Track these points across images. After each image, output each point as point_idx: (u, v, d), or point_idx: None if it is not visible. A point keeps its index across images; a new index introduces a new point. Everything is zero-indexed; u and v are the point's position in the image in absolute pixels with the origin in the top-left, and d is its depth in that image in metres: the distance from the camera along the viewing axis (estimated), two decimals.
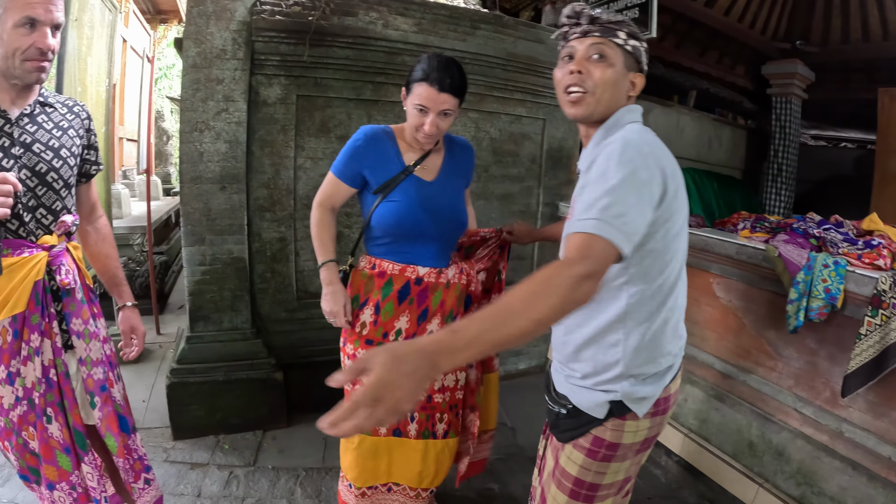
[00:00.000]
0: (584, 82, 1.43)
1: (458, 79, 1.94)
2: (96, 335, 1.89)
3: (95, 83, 5.51)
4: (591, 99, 1.44)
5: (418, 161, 2.06)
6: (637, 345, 1.44)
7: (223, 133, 3.09)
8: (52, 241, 1.74)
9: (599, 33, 1.43)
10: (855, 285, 2.37)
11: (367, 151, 2.03)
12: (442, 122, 1.95)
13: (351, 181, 2.07)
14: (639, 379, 1.47)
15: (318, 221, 2.11)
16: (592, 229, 1.17)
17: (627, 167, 1.24)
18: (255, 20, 3.04)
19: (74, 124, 1.84)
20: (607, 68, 1.43)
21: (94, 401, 1.86)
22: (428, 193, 2.04)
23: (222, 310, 3.25)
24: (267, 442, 3.20)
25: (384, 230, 2.03)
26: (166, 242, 6.77)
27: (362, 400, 0.89)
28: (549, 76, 3.81)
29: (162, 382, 3.39)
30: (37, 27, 1.58)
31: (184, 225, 3.13)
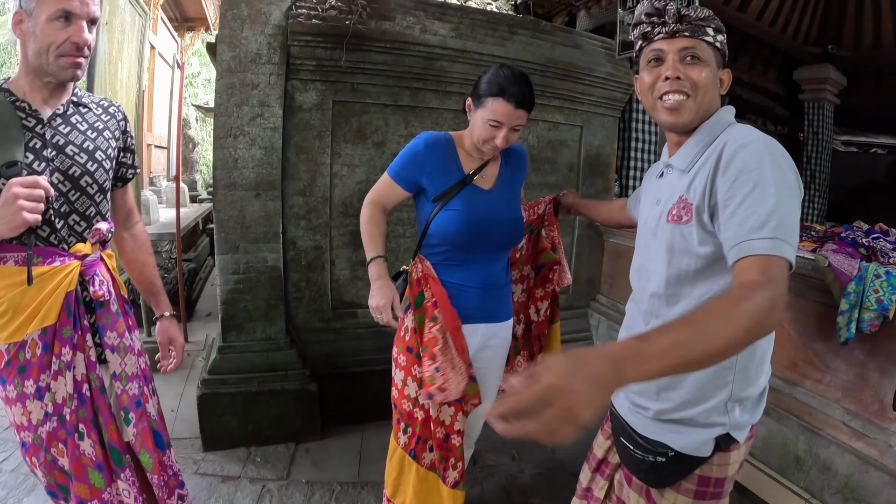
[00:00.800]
0: (685, 87, 1.33)
1: (532, 94, 1.90)
2: (132, 349, 1.83)
3: (126, 88, 5.54)
4: (693, 104, 1.33)
5: (478, 170, 2.01)
6: (747, 363, 1.32)
7: (258, 139, 3.04)
8: (85, 250, 1.68)
9: (689, 32, 1.32)
10: None
11: (427, 158, 1.98)
12: (512, 136, 1.91)
13: (406, 185, 2.02)
14: (744, 404, 1.35)
15: (368, 217, 2.06)
16: (772, 251, 1.08)
17: (779, 173, 1.16)
18: (290, 24, 3.00)
19: (110, 125, 1.78)
20: (703, 69, 1.32)
21: (128, 417, 1.80)
22: (487, 202, 1.99)
23: (256, 319, 3.20)
24: (300, 455, 3.14)
25: (443, 238, 1.97)
26: (193, 249, 6.78)
27: (528, 400, 0.80)
28: (587, 82, 3.85)
29: (191, 391, 3.35)
30: (72, 20, 1.53)
31: (217, 232, 3.09)
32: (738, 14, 6.57)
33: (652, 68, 1.38)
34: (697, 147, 1.34)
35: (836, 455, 2.56)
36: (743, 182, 1.16)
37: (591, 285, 4.37)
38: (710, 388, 1.32)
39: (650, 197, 1.51)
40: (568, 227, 4.14)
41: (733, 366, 1.31)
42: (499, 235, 2.01)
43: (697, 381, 1.33)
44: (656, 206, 1.43)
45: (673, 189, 1.38)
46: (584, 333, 4.25)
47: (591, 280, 4.35)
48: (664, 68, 1.34)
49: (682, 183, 1.35)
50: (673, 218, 1.32)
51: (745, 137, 1.22)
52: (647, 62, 1.40)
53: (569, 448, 3.28)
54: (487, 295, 2.04)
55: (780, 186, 1.13)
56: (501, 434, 0.82)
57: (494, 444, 3.20)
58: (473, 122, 1.94)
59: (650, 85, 1.38)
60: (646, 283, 1.46)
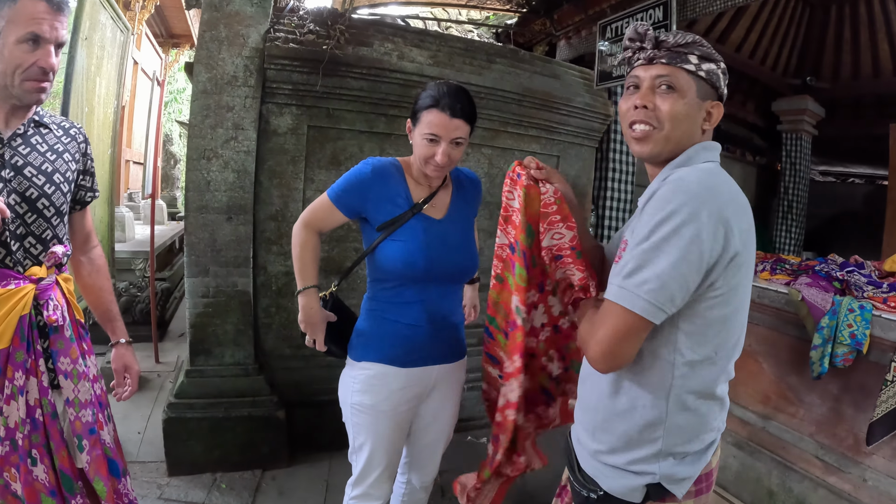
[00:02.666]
0: (651, 118, 1.27)
1: (469, 104, 1.82)
2: (85, 375, 1.77)
3: (104, 104, 5.49)
4: (659, 136, 1.27)
5: (428, 199, 1.90)
6: (682, 422, 1.28)
7: (231, 162, 3.02)
8: (40, 273, 1.64)
9: (666, 60, 1.26)
10: (881, 330, 2.32)
11: (372, 185, 1.87)
12: (454, 152, 1.81)
13: (348, 212, 1.89)
14: (679, 458, 1.30)
15: (302, 243, 1.93)
16: (615, 298, 1.16)
17: (673, 220, 1.11)
18: (268, 47, 3.00)
19: (70, 147, 1.75)
20: (677, 100, 1.25)
21: (81, 444, 1.75)
22: (437, 232, 1.88)
23: (224, 344, 3.15)
24: (266, 482, 3.08)
25: (392, 272, 1.86)
26: (169, 268, 6.70)
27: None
28: (565, 112, 3.86)
29: (158, 414, 3.29)
30: (41, 44, 1.50)
31: (187, 255, 3.05)
32: (719, 46, 6.66)
33: (629, 95, 1.33)
34: (657, 184, 1.30)
35: (810, 490, 2.56)
36: (639, 224, 1.19)
37: None
38: (636, 440, 1.30)
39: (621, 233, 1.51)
40: None
41: (662, 422, 1.27)
42: (452, 267, 1.91)
43: (625, 433, 1.32)
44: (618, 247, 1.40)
45: (629, 227, 1.37)
46: None
47: None
48: (637, 96, 1.30)
49: (631, 223, 1.36)
50: (616, 259, 1.28)
51: (672, 180, 1.20)
52: (626, 88, 1.36)
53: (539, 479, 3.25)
54: (442, 335, 1.95)
55: (664, 236, 1.13)
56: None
57: None
58: (414, 143, 1.86)
59: (624, 112, 1.34)
60: None
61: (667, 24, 3.49)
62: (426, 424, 2.08)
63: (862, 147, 7.47)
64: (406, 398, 1.94)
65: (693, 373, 1.26)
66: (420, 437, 2.10)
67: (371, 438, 1.94)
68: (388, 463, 1.99)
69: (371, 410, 1.92)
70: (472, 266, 2.00)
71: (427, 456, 2.14)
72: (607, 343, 1.18)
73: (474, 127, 1.87)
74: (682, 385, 1.26)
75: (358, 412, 1.94)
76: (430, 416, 2.06)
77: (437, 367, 1.97)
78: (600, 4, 4.32)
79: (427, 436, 2.10)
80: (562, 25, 4.90)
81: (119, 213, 6.36)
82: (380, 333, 1.92)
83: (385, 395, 1.91)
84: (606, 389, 1.36)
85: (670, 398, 1.26)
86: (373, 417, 1.92)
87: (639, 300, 1.13)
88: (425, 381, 1.97)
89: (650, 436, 1.29)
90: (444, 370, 2.00)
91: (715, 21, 6.25)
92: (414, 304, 1.89)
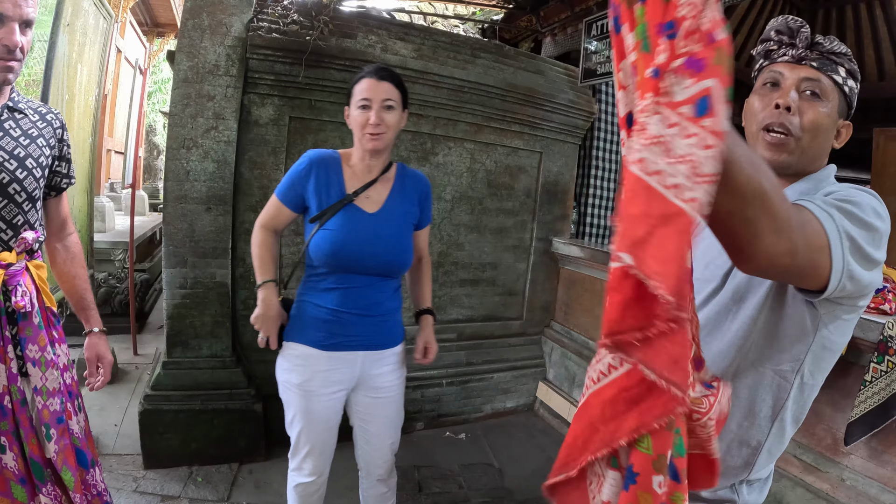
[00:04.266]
0: (792, 124, 1.13)
1: (396, 74, 1.94)
2: (54, 363, 1.75)
3: (85, 92, 5.40)
4: (796, 145, 1.14)
5: (360, 190, 1.97)
6: (771, 446, 1.18)
7: (211, 152, 2.99)
8: (9, 259, 1.62)
9: (817, 64, 1.14)
10: (860, 331, 2.32)
11: (309, 177, 1.96)
12: (387, 116, 1.89)
13: (293, 206, 2.00)
14: (752, 485, 1.22)
15: (259, 242, 2.04)
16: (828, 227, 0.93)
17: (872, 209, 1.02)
18: (251, 37, 2.97)
19: (45, 133, 1.72)
20: (822, 110, 1.13)
21: (49, 433, 1.72)
22: (368, 226, 1.95)
23: (202, 336, 3.13)
24: (243, 476, 3.06)
25: (318, 259, 1.94)
26: (149, 259, 6.64)
27: None
28: (548, 108, 3.86)
29: (136, 406, 3.25)
30: (5, 22, 1.47)
31: (165, 245, 3.02)
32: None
33: (766, 92, 1.19)
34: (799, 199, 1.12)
35: (788, 489, 2.57)
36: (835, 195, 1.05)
37: (546, 312, 4.36)
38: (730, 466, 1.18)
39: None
40: (524, 252, 4.15)
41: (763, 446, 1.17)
42: (378, 260, 1.97)
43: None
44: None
45: None
46: (537, 360, 4.24)
47: (545, 307, 4.35)
48: (777, 94, 1.16)
49: None
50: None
51: (853, 187, 1.09)
52: (761, 84, 1.21)
53: (517, 477, 3.27)
54: (367, 321, 2.01)
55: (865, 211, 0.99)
56: None
57: (442, 471, 3.16)
58: (351, 121, 1.95)
59: (758, 110, 1.19)
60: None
61: None
62: (365, 414, 2.12)
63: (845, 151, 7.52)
64: (331, 381, 2.00)
65: (800, 396, 1.17)
66: (362, 428, 2.15)
67: (300, 415, 2.02)
68: (318, 442, 2.05)
69: (298, 389, 2.00)
70: (399, 262, 2.04)
71: (375, 449, 2.17)
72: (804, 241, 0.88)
73: (406, 98, 1.98)
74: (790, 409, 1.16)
75: (287, 389, 2.05)
76: (368, 405, 2.11)
77: (362, 353, 2.02)
78: (586, 2, 4.33)
79: (369, 426, 2.14)
80: (548, 22, 4.90)
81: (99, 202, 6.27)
82: (305, 317, 2.00)
83: (309, 376, 1.98)
84: None
85: (776, 421, 1.16)
86: (300, 396, 2.00)
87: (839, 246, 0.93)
88: (351, 366, 2.02)
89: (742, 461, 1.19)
90: (371, 357, 2.05)
91: None
92: (338, 291, 1.97)
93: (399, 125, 1.98)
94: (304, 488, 2.11)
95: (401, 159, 3.50)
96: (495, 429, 3.81)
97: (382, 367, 2.08)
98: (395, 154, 3.49)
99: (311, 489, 2.12)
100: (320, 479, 2.12)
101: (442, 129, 3.62)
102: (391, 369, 2.10)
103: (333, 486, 2.69)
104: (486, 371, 3.96)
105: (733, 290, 1.15)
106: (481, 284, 4.00)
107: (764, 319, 1.11)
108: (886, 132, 6.29)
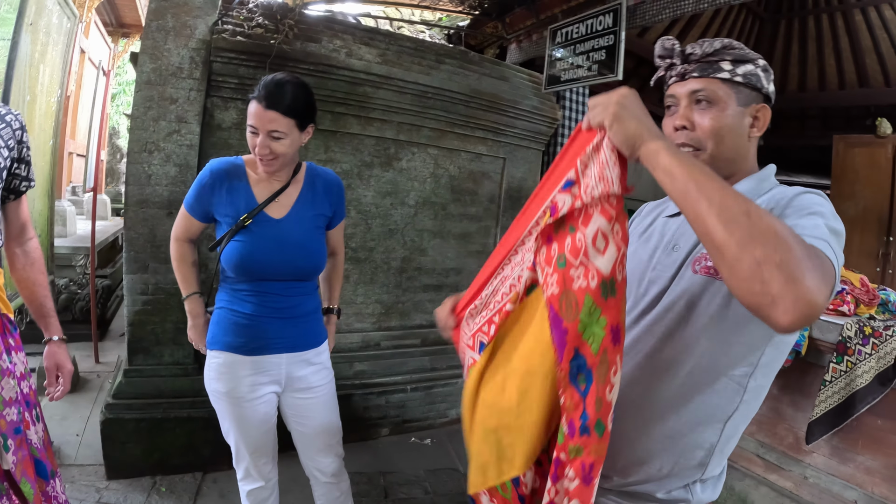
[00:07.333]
0: (693, 139, 1.17)
1: (290, 97, 1.82)
2: (10, 372, 1.70)
3: (47, 92, 5.29)
4: (705, 156, 1.16)
5: (270, 198, 1.95)
6: (724, 446, 1.19)
7: (173, 155, 2.96)
8: None
9: (698, 72, 1.17)
10: (820, 332, 2.38)
11: (213, 189, 1.93)
12: (275, 146, 1.83)
13: (201, 217, 1.99)
14: (706, 482, 1.22)
15: (178, 256, 2.05)
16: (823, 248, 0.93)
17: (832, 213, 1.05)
18: (215, 39, 2.95)
19: (4, 134, 1.68)
20: (717, 115, 1.16)
21: (7, 444, 1.68)
22: (274, 232, 1.93)
23: (164, 343, 3.08)
24: (207, 485, 3.02)
25: (231, 269, 1.93)
26: (111, 265, 6.50)
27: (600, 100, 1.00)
28: (512, 114, 3.89)
29: (98, 415, 3.19)
30: None
31: (126, 251, 2.97)
32: None
33: (668, 116, 1.24)
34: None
35: (752, 487, 2.61)
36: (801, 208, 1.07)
37: None
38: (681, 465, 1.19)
39: (664, 239, 1.28)
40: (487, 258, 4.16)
41: (715, 447, 1.18)
42: (289, 267, 1.96)
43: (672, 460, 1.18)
44: (673, 252, 1.23)
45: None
46: None
47: None
48: (675, 117, 1.21)
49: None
50: (704, 270, 1.15)
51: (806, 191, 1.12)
52: (666, 109, 1.25)
53: None
54: (287, 324, 2.00)
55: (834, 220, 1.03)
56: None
57: (408, 477, 3.16)
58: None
59: (668, 135, 1.22)
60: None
61: (616, 31, 3.55)
62: (299, 416, 2.12)
63: (807, 157, 7.73)
64: (258, 384, 1.99)
65: (753, 399, 1.18)
66: (298, 432, 2.15)
67: (234, 424, 2.00)
68: (258, 447, 2.05)
69: (226, 397, 1.97)
70: (311, 266, 2.04)
71: (315, 452, 2.16)
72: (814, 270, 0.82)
73: (303, 120, 1.89)
74: (742, 411, 1.17)
75: (216, 399, 2.01)
76: (299, 407, 2.10)
77: (285, 356, 2.02)
78: (552, 9, 4.37)
79: (304, 429, 2.13)
80: (513, 29, 4.94)
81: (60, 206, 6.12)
82: (225, 324, 1.98)
83: (235, 382, 1.96)
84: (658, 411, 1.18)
85: (728, 422, 1.17)
86: (230, 404, 1.97)
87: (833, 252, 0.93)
88: (275, 368, 2.01)
89: (695, 461, 1.19)
90: (295, 358, 2.04)
91: (666, 31, 6.38)
92: (253, 297, 1.96)
93: (296, 145, 1.92)
94: (257, 494, 2.10)
95: (364, 164, 3.51)
96: (460, 434, 3.76)
97: (307, 367, 2.07)
98: (359, 159, 3.50)
99: (263, 494, 2.11)
100: (270, 484, 2.12)
101: (405, 135, 3.62)
102: (316, 369, 2.10)
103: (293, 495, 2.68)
104: (451, 376, 3.96)
105: (687, 297, 1.16)
106: (445, 289, 4.00)
107: (719, 326, 1.12)
108: (846, 139, 6.47)
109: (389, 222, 3.68)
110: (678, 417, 1.16)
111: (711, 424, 1.16)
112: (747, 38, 7.33)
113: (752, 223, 0.81)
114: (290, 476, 2.39)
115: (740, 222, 0.82)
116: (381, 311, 3.77)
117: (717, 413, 1.16)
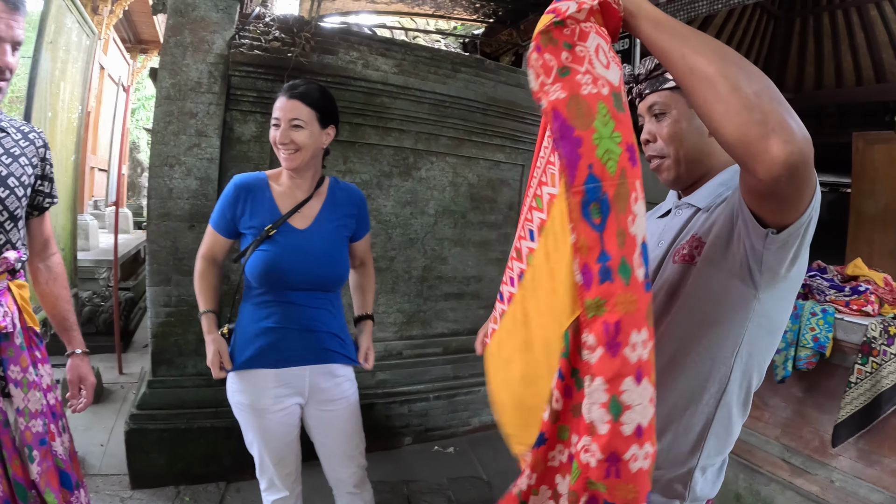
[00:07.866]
0: (656, 149, 1.28)
1: (313, 91, 1.91)
2: (37, 384, 1.73)
3: (68, 109, 5.38)
4: (669, 162, 1.27)
5: (294, 209, 1.99)
6: (718, 431, 1.19)
7: (194, 169, 2.99)
8: None
9: (650, 88, 1.28)
10: (844, 333, 2.35)
11: (237, 203, 1.98)
12: (296, 135, 1.87)
13: (226, 233, 2.03)
14: (705, 472, 1.23)
15: (199, 273, 2.07)
16: None
17: None
18: (232, 54, 2.98)
19: (28, 152, 1.71)
20: (671, 122, 1.25)
21: (32, 454, 1.71)
22: (298, 242, 1.96)
23: (187, 354, 3.11)
24: (230, 494, 3.04)
25: (255, 279, 1.95)
26: (134, 278, 6.59)
27: None
28: (529, 121, 3.88)
29: (122, 426, 3.23)
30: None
31: (149, 263, 3.01)
32: None
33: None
34: (721, 189, 1.23)
35: (777, 492, 2.58)
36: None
37: None
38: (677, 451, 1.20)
39: (652, 237, 1.35)
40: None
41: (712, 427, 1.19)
42: (312, 276, 1.98)
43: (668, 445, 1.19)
44: (657, 248, 1.32)
45: (681, 228, 1.27)
46: None
47: None
48: (643, 133, 1.30)
49: (698, 222, 1.24)
50: (681, 258, 1.20)
51: None
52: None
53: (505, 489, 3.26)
54: (311, 336, 2.01)
55: None
56: None
57: (430, 486, 3.15)
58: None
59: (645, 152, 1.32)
60: None
61: (630, 35, 3.54)
62: (322, 429, 2.13)
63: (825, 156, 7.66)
64: (281, 396, 2.00)
65: (749, 366, 1.17)
66: (321, 443, 2.16)
67: (257, 436, 2.02)
68: (281, 458, 2.06)
69: (249, 409, 2.00)
70: (333, 275, 2.05)
71: (338, 463, 2.17)
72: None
73: (323, 113, 1.93)
74: (736, 381, 1.17)
75: (239, 411, 2.03)
76: (322, 419, 2.11)
77: (308, 368, 2.03)
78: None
79: (327, 440, 2.14)
80: (528, 36, 4.92)
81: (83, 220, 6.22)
82: (249, 336, 1.99)
83: (258, 395, 1.98)
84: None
85: (724, 397, 1.17)
86: (253, 416, 2.00)
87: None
88: (299, 380, 2.03)
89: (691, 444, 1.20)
90: (318, 370, 2.05)
91: None
92: (277, 308, 1.98)
93: (317, 143, 1.94)
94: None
95: (383, 174, 3.52)
96: (483, 442, 3.79)
97: (331, 379, 2.08)
98: (378, 169, 3.52)
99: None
100: (294, 494, 2.13)
101: (424, 144, 3.63)
102: (340, 381, 2.11)
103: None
104: (473, 384, 3.95)
105: (668, 286, 1.20)
106: (466, 298, 4.01)
107: (697, 308, 1.15)
108: (865, 136, 6.37)
109: (410, 231, 3.69)
110: (665, 401, 1.15)
111: (701, 408, 1.18)
112: (762, 37, 7.29)
113: (746, 63, 0.86)
114: (313, 485, 2.40)
115: (735, 60, 0.86)
116: (402, 320, 3.77)
117: (706, 396, 1.17)
